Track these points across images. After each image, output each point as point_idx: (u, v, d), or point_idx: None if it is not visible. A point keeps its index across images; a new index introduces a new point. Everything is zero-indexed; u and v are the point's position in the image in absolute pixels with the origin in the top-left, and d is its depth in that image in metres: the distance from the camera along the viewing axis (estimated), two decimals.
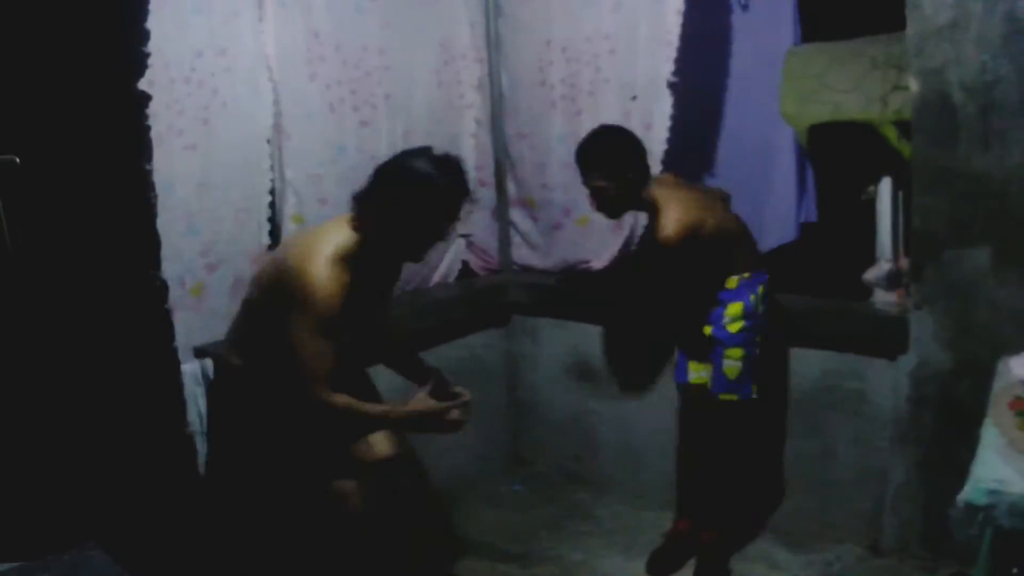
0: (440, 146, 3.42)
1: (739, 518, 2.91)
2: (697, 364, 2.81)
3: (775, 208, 3.19)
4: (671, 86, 2.98)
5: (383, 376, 3.13)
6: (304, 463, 2.31)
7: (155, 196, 2.02)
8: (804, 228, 3.20)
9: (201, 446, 2.61)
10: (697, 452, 2.91)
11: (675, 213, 2.56)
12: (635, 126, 3.14)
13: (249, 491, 2.44)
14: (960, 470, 1.64)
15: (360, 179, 3.13)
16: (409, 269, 3.41)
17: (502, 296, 3.59)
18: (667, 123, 3.03)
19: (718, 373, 2.68)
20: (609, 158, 2.67)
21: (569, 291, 3.43)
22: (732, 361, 2.64)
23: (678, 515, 3.00)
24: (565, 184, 3.42)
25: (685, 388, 2.89)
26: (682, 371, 2.88)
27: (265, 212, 2.90)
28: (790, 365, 2.93)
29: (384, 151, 3.22)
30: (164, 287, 2.05)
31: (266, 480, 2.38)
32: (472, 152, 3.57)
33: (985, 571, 1.61)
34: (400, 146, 3.28)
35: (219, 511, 2.37)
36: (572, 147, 3.39)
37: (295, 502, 2.34)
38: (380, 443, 2.33)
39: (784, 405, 2.96)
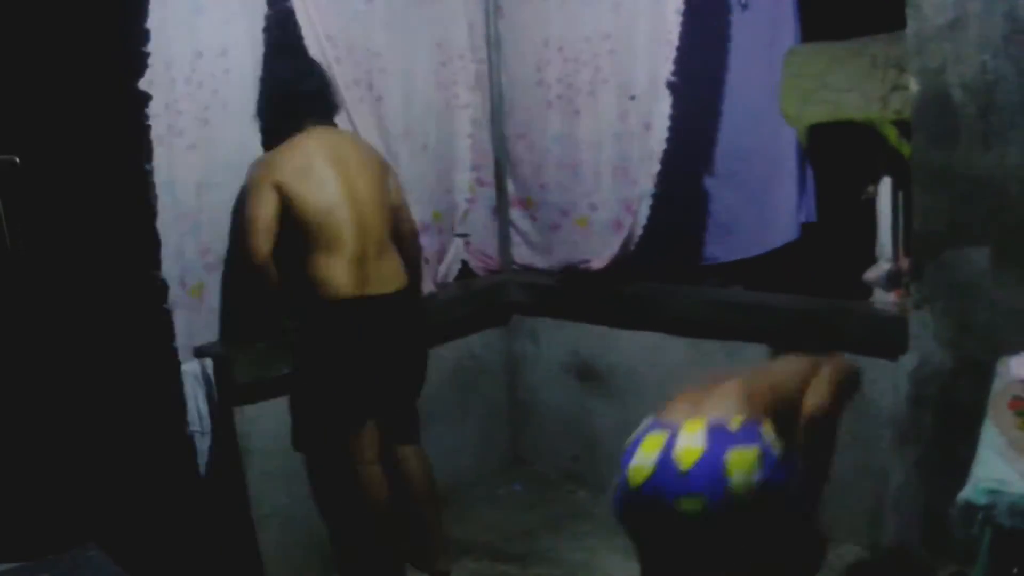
0: (438, 146, 3.48)
1: None
2: None
3: (776, 208, 3.19)
4: (670, 86, 2.98)
5: None
6: None
7: (155, 196, 2.02)
8: (804, 228, 3.20)
9: (201, 446, 2.62)
10: None
11: None
12: (634, 126, 3.15)
13: None
14: (960, 470, 1.64)
15: None
16: None
17: (502, 296, 3.59)
18: (666, 123, 3.02)
19: None
20: None
21: (569, 291, 3.43)
22: None
23: None
24: (564, 184, 3.42)
25: None
26: None
27: None
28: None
29: (382, 151, 3.23)
30: (164, 287, 2.05)
31: None
32: (469, 152, 3.57)
33: (985, 571, 1.61)
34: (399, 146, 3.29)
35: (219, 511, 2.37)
36: (569, 147, 3.40)
37: None
38: None
39: None
